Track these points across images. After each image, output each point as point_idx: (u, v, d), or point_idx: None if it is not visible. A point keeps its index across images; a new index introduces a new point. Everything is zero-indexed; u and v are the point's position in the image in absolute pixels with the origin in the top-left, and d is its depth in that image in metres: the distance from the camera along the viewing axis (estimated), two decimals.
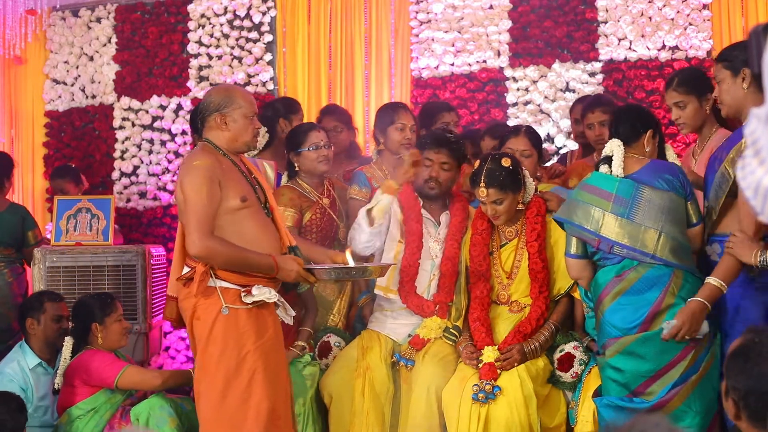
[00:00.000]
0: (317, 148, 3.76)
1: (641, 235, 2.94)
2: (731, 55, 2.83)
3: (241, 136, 3.04)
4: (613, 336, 2.96)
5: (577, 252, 3.14)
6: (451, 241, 3.56)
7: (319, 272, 3.01)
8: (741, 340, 1.82)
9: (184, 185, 2.91)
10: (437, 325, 3.46)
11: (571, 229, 3.11)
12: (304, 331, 3.66)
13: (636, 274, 2.96)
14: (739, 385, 1.75)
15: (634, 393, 2.93)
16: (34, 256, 4.54)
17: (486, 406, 3.16)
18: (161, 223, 5.64)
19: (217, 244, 2.87)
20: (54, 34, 5.90)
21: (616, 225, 2.97)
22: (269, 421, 2.91)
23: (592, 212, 3.01)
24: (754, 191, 1.23)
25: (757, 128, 1.24)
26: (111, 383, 3.53)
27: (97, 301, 3.72)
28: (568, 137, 5.01)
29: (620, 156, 3.03)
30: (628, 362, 2.93)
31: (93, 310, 3.67)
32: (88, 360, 3.58)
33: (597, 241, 3.00)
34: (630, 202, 2.96)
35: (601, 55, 5.05)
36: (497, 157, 3.36)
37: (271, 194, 3.21)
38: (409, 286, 3.53)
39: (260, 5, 5.56)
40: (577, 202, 3.08)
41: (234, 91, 3.11)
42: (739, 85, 2.77)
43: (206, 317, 2.92)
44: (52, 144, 5.92)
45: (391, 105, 4.21)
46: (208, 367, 2.93)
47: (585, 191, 3.07)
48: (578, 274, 3.18)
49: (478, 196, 3.37)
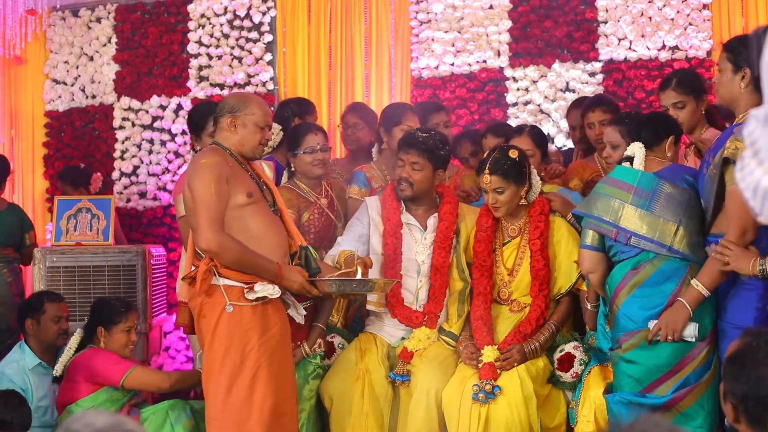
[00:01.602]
0: (313, 151, 3.73)
1: (659, 227, 2.93)
2: (737, 49, 2.82)
3: (248, 142, 3.08)
4: (630, 329, 2.94)
5: (593, 243, 3.08)
6: (439, 249, 3.50)
7: (322, 285, 3.04)
8: (738, 344, 1.80)
9: (192, 183, 2.95)
10: (425, 335, 3.42)
11: (589, 223, 3.07)
12: (316, 328, 3.59)
13: (652, 267, 2.95)
14: (737, 390, 1.73)
15: (646, 389, 2.92)
16: (34, 256, 4.54)
17: (486, 406, 3.16)
18: (161, 223, 5.64)
19: (229, 241, 2.91)
20: (54, 34, 5.90)
21: (635, 216, 2.95)
22: (273, 418, 2.94)
23: (612, 204, 2.98)
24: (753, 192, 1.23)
25: (755, 129, 1.24)
26: (116, 382, 3.51)
27: (110, 306, 3.70)
28: (567, 137, 5.01)
29: (642, 156, 3.02)
30: (645, 356, 2.91)
31: (104, 313, 3.67)
32: (93, 357, 3.56)
33: (615, 232, 2.98)
34: (650, 194, 2.95)
35: (601, 55, 5.04)
36: (506, 148, 3.39)
37: (279, 196, 3.23)
38: (395, 300, 3.49)
39: (260, 5, 5.56)
40: (597, 195, 3.06)
41: (251, 98, 3.17)
42: (738, 82, 2.77)
43: (211, 315, 2.96)
44: (52, 144, 5.92)
45: (399, 106, 4.17)
46: (213, 364, 2.96)
47: (606, 184, 3.05)
48: (591, 267, 3.10)
49: (482, 183, 3.37)
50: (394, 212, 3.56)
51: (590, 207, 3.07)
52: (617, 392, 3.00)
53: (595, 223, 3.04)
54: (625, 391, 2.96)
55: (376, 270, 3.51)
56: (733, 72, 2.79)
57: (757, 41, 1.70)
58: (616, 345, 3.02)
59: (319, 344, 3.55)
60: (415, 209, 3.60)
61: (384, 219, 3.56)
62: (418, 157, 3.47)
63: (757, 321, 2.69)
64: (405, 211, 3.59)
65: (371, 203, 3.63)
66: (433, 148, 3.50)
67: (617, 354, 3.01)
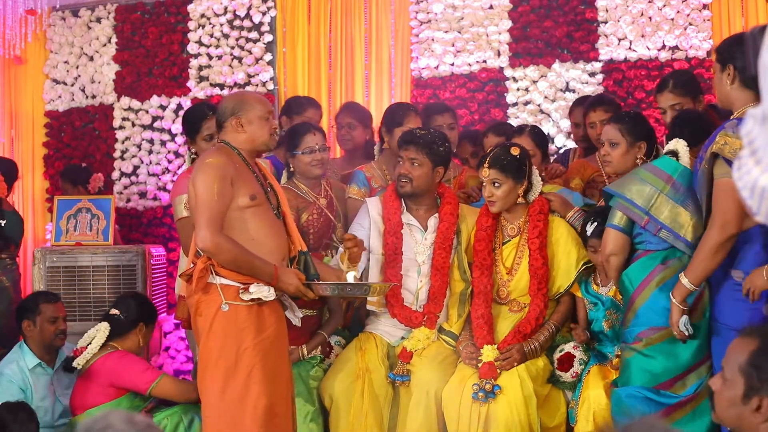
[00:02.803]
0: (311, 152, 3.74)
1: (688, 225, 2.92)
2: (720, 48, 2.84)
3: (259, 137, 3.09)
4: (655, 325, 2.93)
5: (621, 225, 3.02)
6: (439, 250, 3.50)
7: (318, 288, 3.04)
8: (760, 337, 1.82)
9: (196, 182, 2.97)
10: (425, 336, 3.43)
11: (619, 204, 3.02)
12: (318, 335, 3.62)
13: (680, 263, 2.94)
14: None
15: (662, 386, 2.92)
16: (35, 256, 4.54)
17: (486, 406, 3.16)
18: (161, 223, 5.64)
19: (225, 242, 2.91)
20: (54, 34, 5.90)
21: (667, 208, 2.93)
22: (267, 419, 2.94)
23: (646, 189, 2.95)
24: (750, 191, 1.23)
25: (753, 128, 1.23)
26: (145, 390, 3.46)
27: (148, 304, 3.79)
28: (568, 137, 5.01)
29: (686, 152, 3.00)
30: (666, 353, 2.91)
31: (146, 310, 3.72)
32: (120, 362, 3.50)
33: (646, 219, 2.95)
34: (687, 190, 2.93)
35: (601, 55, 5.04)
36: (509, 145, 3.42)
37: (285, 199, 3.23)
38: (394, 300, 3.49)
39: (260, 5, 5.56)
40: (633, 178, 3.02)
41: (247, 95, 3.22)
42: (725, 80, 2.78)
43: (207, 313, 2.97)
44: (52, 144, 5.92)
45: (402, 107, 4.15)
46: (208, 363, 2.98)
47: (645, 170, 3.02)
48: (615, 249, 3.03)
49: (481, 176, 3.39)
50: (394, 212, 3.56)
51: (623, 188, 3.02)
52: (628, 386, 2.98)
53: (626, 205, 2.99)
54: (639, 385, 2.94)
55: (377, 270, 3.51)
56: (721, 71, 2.80)
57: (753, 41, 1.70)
58: (634, 339, 2.98)
59: (318, 350, 3.58)
60: (416, 209, 3.60)
61: (384, 219, 3.57)
62: (417, 153, 3.50)
63: (751, 321, 2.69)
64: (406, 212, 3.59)
65: (372, 203, 3.64)
66: (431, 144, 3.52)
67: (633, 348, 2.98)
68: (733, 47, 2.75)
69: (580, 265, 3.37)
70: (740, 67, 2.72)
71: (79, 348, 3.56)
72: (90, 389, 3.50)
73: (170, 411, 3.49)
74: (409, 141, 3.53)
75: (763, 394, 1.80)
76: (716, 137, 2.70)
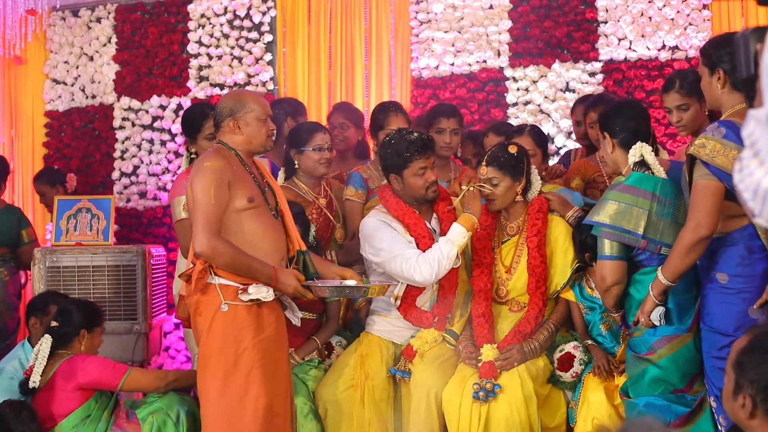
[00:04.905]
0: (321, 149, 3.75)
1: None
2: (708, 51, 2.81)
3: (255, 138, 3.08)
4: (668, 334, 2.89)
5: (615, 253, 2.92)
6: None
7: (317, 289, 3.04)
8: (751, 336, 1.83)
9: (194, 186, 2.97)
10: (432, 337, 3.41)
11: (606, 233, 2.92)
12: (312, 342, 3.57)
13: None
14: (761, 377, 1.76)
15: (682, 390, 2.90)
16: (35, 256, 4.54)
17: (486, 405, 3.16)
18: (161, 223, 5.64)
19: (222, 245, 2.91)
20: (54, 34, 5.90)
21: (660, 226, 2.87)
22: (266, 418, 2.95)
23: (634, 212, 2.86)
24: (753, 193, 1.22)
25: (755, 130, 1.23)
26: (115, 386, 3.41)
27: (88, 310, 3.62)
28: (568, 137, 5.01)
29: (654, 160, 2.93)
30: (683, 360, 2.89)
31: (88, 316, 3.58)
32: (84, 363, 3.44)
33: (644, 242, 2.88)
34: (673, 202, 2.88)
35: (601, 55, 5.04)
36: (506, 144, 3.43)
37: (284, 199, 3.22)
38: (410, 300, 3.47)
39: (260, 5, 5.56)
40: (609, 203, 2.92)
41: (245, 95, 3.19)
42: (715, 83, 2.77)
43: (206, 313, 2.97)
44: (52, 144, 5.92)
45: (384, 109, 4.04)
46: (208, 362, 2.98)
47: (623, 192, 2.91)
48: (617, 278, 2.93)
49: (479, 174, 3.39)
50: (406, 214, 3.47)
51: (605, 216, 2.91)
52: (644, 396, 2.92)
53: (615, 233, 2.89)
54: (653, 394, 2.91)
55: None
56: (710, 75, 2.79)
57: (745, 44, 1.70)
58: (648, 350, 2.92)
59: (315, 354, 3.57)
60: (424, 214, 3.57)
61: (405, 226, 3.46)
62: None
63: (738, 325, 2.68)
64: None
65: (385, 220, 3.49)
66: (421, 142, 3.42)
67: (647, 359, 2.92)
68: (720, 50, 2.73)
69: (574, 265, 3.36)
70: (729, 70, 2.71)
71: (29, 367, 3.48)
72: (55, 398, 3.40)
73: (153, 407, 3.46)
74: (426, 149, 3.44)
75: (746, 392, 1.83)
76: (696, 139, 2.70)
